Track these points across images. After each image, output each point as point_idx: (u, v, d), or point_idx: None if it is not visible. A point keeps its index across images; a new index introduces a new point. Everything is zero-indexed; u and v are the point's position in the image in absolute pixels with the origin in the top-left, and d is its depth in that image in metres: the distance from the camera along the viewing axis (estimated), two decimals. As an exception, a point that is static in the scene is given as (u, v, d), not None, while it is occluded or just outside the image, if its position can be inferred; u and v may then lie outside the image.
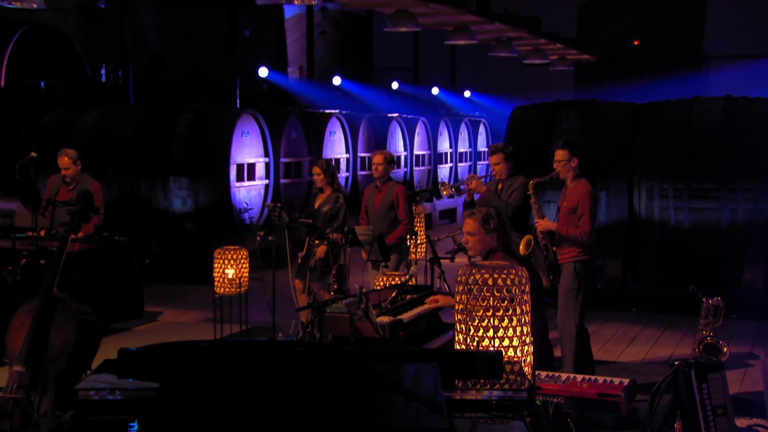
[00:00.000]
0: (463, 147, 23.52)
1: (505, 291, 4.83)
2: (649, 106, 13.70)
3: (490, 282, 4.82)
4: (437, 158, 21.81)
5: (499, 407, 4.17)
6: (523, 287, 4.91)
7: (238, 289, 9.60)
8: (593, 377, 6.13)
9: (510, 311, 4.84)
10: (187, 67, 26.34)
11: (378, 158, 10.30)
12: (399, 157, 20.06)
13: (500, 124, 26.67)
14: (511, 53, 19.19)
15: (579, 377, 6.04)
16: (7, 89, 21.10)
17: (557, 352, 8.45)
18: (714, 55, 29.47)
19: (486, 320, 4.85)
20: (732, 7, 27.98)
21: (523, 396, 4.26)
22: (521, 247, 8.13)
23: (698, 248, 12.09)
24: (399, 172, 20.07)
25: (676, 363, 6.14)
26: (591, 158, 12.25)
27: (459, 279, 4.97)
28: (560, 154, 8.15)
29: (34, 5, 12.60)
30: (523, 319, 4.92)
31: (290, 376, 4.06)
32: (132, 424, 4.27)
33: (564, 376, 6.02)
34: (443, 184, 10.74)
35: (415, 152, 20.73)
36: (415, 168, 20.74)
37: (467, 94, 30.14)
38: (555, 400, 5.64)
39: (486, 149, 24.75)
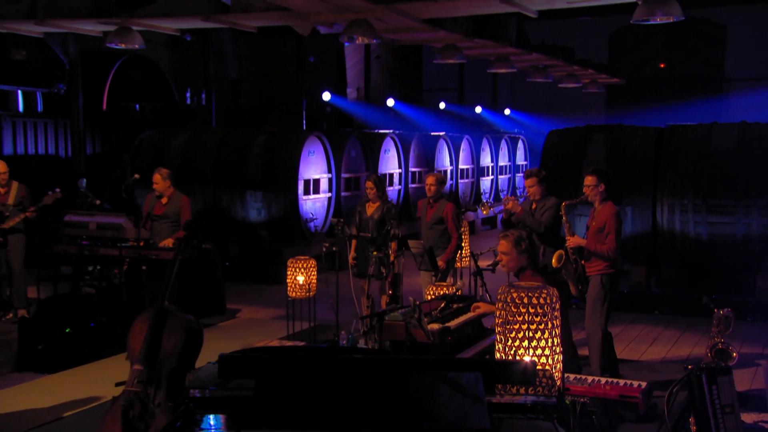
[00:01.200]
0: (503, 161, 23.35)
1: (538, 308, 4.91)
2: (671, 129, 13.57)
3: (525, 300, 4.92)
4: (480, 172, 21.63)
5: (532, 410, 4.38)
6: (554, 305, 4.97)
7: (307, 293, 9.68)
8: (615, 380, 6.15)
9: (542, 326, 4.92)
10: (261, 90, 26.24)
11: (431, 179, 10.26)
12: (445, 171, 20.01)
13: (537, 140, 26.43)
14: (547, 79, 18.96)
15: (603, 380, 6.07)
16: (108, 111, 21.69)
17: (584, 351, 8.48)
18: (735, 77, 28.74)
19: (522, 333, 4.94)
20: (751, 31, 27.30)
21: (552, 401, 4.46)
22: (553, 260, 8.23)
23: (715, 258, 11.93)
24: (445, 187, 20.08)
25: (689, 367, 6.00)
26: (617, 179, 12.35)
27: (499, 297, 5.04)
28: (589, 180, 8.18)
29: (136, 45, 12.73)
30: (554, 332, 4.99)
31: (363, 381, 4.31)
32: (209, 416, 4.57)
33: (589, 378, 6.06)
34: (483, 204, 10.67)
35: (460, 167, 20.57)
36: (460, 180, 20.58)
37: (507, 112, 29.83)
38: (582, 399, 5.71)
39: (524, 163, 24.71)
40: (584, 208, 11.13)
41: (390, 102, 25.78)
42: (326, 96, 24.44)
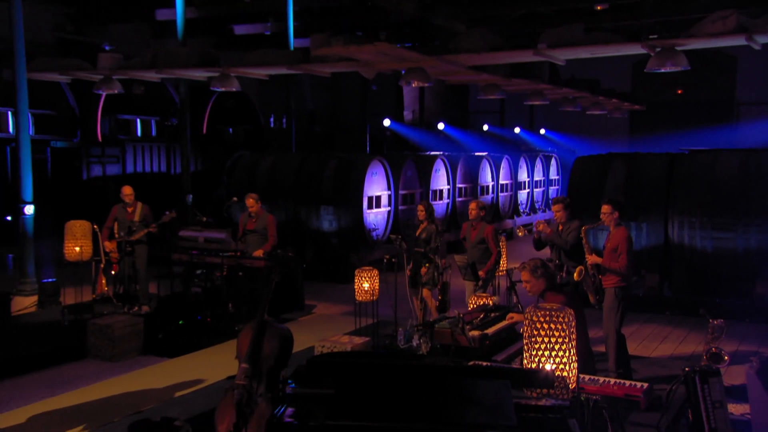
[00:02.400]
0: (538, 176, 23.11)
1: (557, 327, 5.05)
2: (681, 157, 13.36)
3: (546, 320, 5.09)
4: (517, 186, 21.47)
5: (551, 410, 4.70)
6: (570, 324, 5.09)
7: (371, 297, 9.71)
8: (621, 381, 6.21)
9: (560, 340, 5.05)
10: (333, 116, 26.22)
11: (473, 205, 10.18)
12: (487, 186, 19.86)
13: (568, 157, 26.05)
14: (576, 108, 18.83)
15: (612, 381, 6.11)
16: (207, 134, 22.35)
17: (601, 348, 8.54)
18: (745, 101, 27.97)
19: (544, 345, 5.05)
20: (759, 61, 26.65)
21: (566, 403, 4.79)
22: (575, 274, 8.28)
23: (719, 267, 11.84)
24: (487, 198, 19.86)
25: (686, 369, 6.14)
26: (635, 200, 12.32)
27: (525, 317, 5.17)
28: (605, 209, 8.26)
29: (234, 89, 13.00)
30: (570, 345, 5.10)
31: (418, 383, 4.66)
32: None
33: (601, 379, 6.09)
34: (519, 228, 10.64)
35: (501, 182, 20.41)
36: (500, 194, 20.38)
37: (542, 131, 29.54)
38: (594, 397, 5.72)
39: (557, 177, 24.39)
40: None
41: (440, 126, 25.52)
42: (386, 122, 24.34)
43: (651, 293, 12.31)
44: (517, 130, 28.45)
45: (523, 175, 22.10)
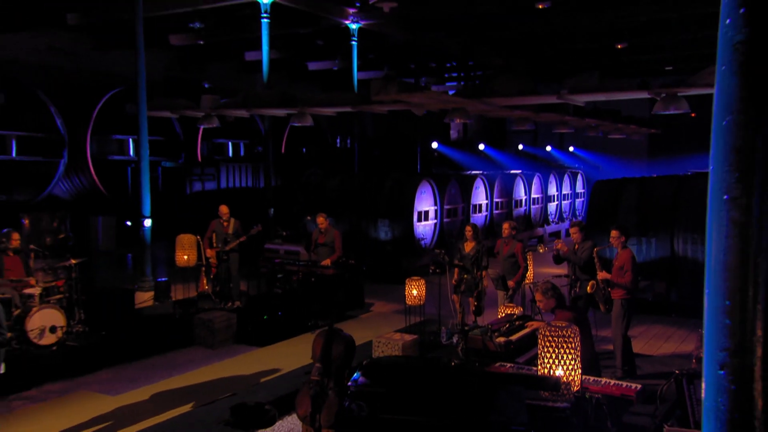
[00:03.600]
0: (566, 190, 22.87)
1: (563, 341, 5.42)
2: (686, 178, 13.15)
3: (555, 335, 5.42)
4: (547, 199, 21.38)
5: (555, 410, 5.06)
6: (575, 339, 5.37)
7: (419, 302, 9.80)
8: (620, 382, 6.23)
9: (566, 352, 5.41)
10: (389, 141, 26.20)
11: (506, 225, 10.14)
12: (520, 200, 19.72)
13: (593, 173, 25.76)
14: (598, 134, 18.77)
15: (612, 382, 6.15)
16: (285, 154, 22.88)
17: (610, 347, 8.63)
18: None
19: (554, 356, 5.36)
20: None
21: (567, 405, 5.10)
22: (588, 287, 8.39)
23: None
24: (521, 210, 19.73)
25: (677, 372, 6.14)
26: (646, 218, 12.20)
27: (539, 332, 5.49)
28: (614, 233, 8.38)
29: (308, 124, 13.18)
30: (575, 356, 5.30)
31: (449, 386, 5.04)
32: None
33: (602, 380, 6.13)
34: (541, 245, 10.71)
35: (532, 196, 20.29)
36: (532, 206, 20.35)
37: (571, 149, 29.25)
38: (597, 395, 5.82)
39: (582, 191, 24.02)
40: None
41: (481, 146, 25.30)
42: (434, 144, 24.31)
43: (659, 298, 12.11)
44: (548, 148, 28.09)
45: (552, 190, 21.85)
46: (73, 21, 16.60)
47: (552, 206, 22.04)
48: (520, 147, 27.68)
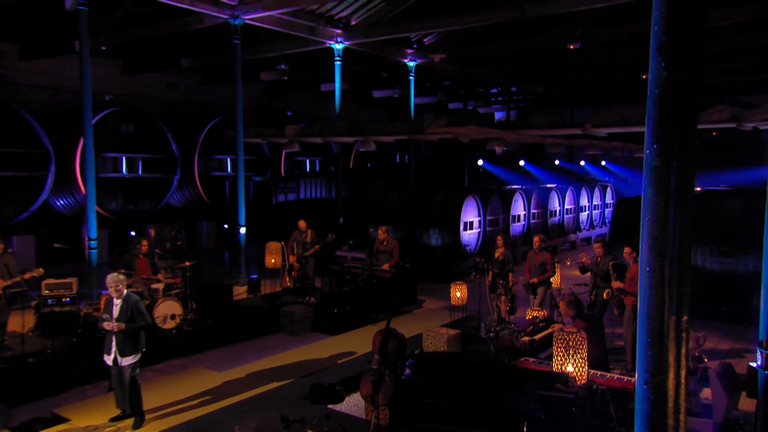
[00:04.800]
0: (596, 201, 22.56)
1: (572, 344, 5.92)
2: (696, 196, 13.07)
3: (567, 338, 5.94)
4: (579, 209, 21.15)
5: (564, 399, 5.47)
6: (582, 342, 5.81)
7: (462, 302, 10.07)
8: (623, 377, 6.31)
9: (575, 353, 5.90)
10: (441, 159, 26.07)
11: (536, 238, 10.24)
12: (555, 210, 19.55)
13: (622, 186, 25.51)
14: (624, 154, 18.58)
15: (615, 376, 6.30)
16: (353, 169, 23.37)
17: (622, 343, 8.78)
18: None
19: (566, 355, 5.90)
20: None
21: (573, 395, 5.50)
22: (604, 294, 8.69)
23: (725, 283, 11.50)
24: (555, 219, 19.57)
25: None
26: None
27: (555, 336, 5.99)
28: (627, 250, 8.62)
29: (372, 149, 13.72)
30: (582, 356, 5.71)
31: (485, 378, 5.44)
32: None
33: (608, 375, 6.31)
34: (568, 259, 10.61)
35: (566, 207, 20.18)
36: (565, 216, 20.12)
37: (603, 163, 28.66)
38: (602, 387, 6.09)
39: (611, 201, 23.46)
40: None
41: (521, 162, 25.15)
42: (480, 162, 24.37)
43: None
44: (582, 163, 27.62)
45: (584, 201, 21.61)
46: (186, 65, 17.73)
47: (583, 215, 21.75)
48: (557, 162, 27.34)
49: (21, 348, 8.58)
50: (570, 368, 5.86)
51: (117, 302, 6.68)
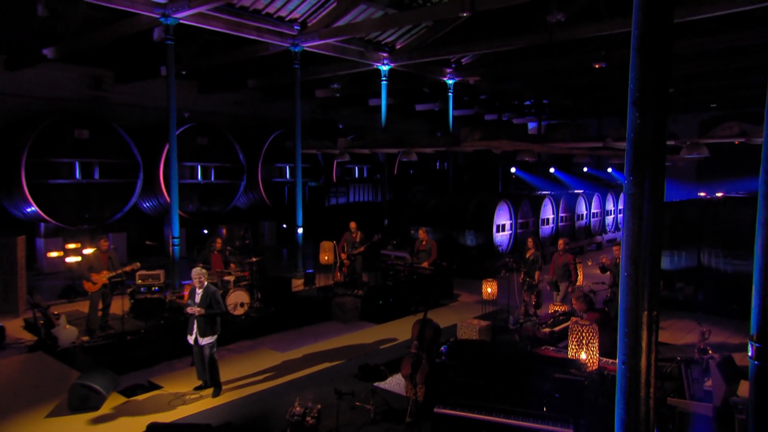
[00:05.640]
0: (621, 206, 21.62)
1: (584, 334, 6.27)
2: (711, 203, 12.81)
3: (580, 329, 6.30)
4: (605, 213, 20.76)
5: (575, 381, 5.78)
6: (595, 334, 6.17)
7: (492, 297, 10.08)
8: None
9: (586, 342, 6.25)
10: (476, 167, 26.07)
11: (561, 241, 10.45)
12: (582, 214, 19.36)
13: None
14: None
15: None
16: (397, 175, 23.50)
17: None
18: None
19: (579, 344, 6.27)
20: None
21: (583, 378, 5.80)
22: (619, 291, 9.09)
23: (736, 283, 11.37)
24: (582, 222, 19.39)
25: (678, 358, 6.61)
26: (678, 235, 12.10)
27: (570, 328, 6.38)
28: None
29: (414, 159, 13.97)
30: (594, 344, 6.03)
31: (507, 363, 5.80)
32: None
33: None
34: (589, 260, 11.02)
35: (592, 211, 20.02)
36: (592, 219, 19.96)
37: None
38: (612, 372, 6.21)
39: None
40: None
41: (551, 170, 24.88)
42: (513, 169, 24.39)
43: (687, 299, 12.10)
44: (609, 170, 27.09)
45: (609, 206, 21.32)
46: (252, 84, 18.63)
47: (609, 219, 21.47)
48: (585, 170, 27.02)
49: (121, 327, 9.45)
50: (583, 356, 6.17)
51: (199, 291, 7.35)
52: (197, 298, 7.31)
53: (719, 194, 17.59)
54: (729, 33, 12.18)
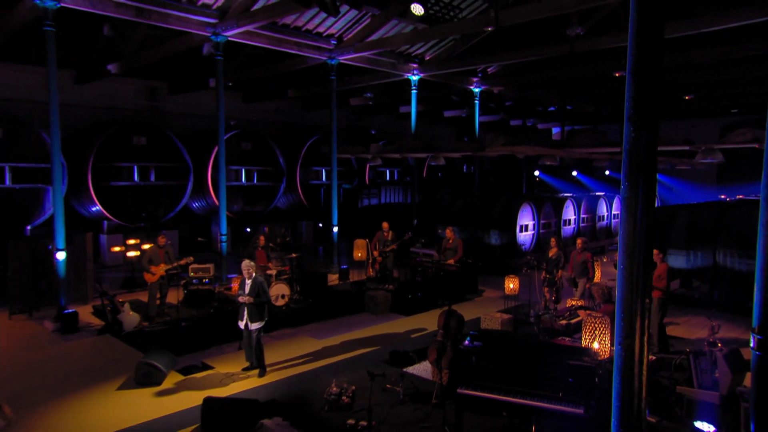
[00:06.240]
0: None
1: (597, 325, 6.50)
2: (726, 205, 12.72)
3: (593, 321, 6.55)
4: None
5: (586, 367, 5.98)
6: (607, 325, 6.45)
7: (514, 293, 10.52)
8: None
9: (599, 332, 6.50)
10: (501, 171, 26.03)
11: (579, 241, 10.56)
12: (602, 216, 19.21)
13: (667, 194, 24.59)
14: (665, 166, 18.27)
15: None
16: (426, 177, 23.35)
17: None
18: None
19: (592, 334, 6.53)
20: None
21: (594, 365, 5.95)
22: None
23: (750, 282, 10.74)
24: (603, 223, 19.23)
25: (687, 350, 6.77)
26: (694, 236, 12.08)
27: (584, 320, 6.64)
28: (655, 253, 8.53)
29: (442, 163, 14.17)
30: (606, 335, 6.34)
31: (526, 350, 6.02)
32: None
33: None
34: (605, 257, 11.07)
35: (613, 212, 19.84)
36: (612, 220, 19.90)
37: None
38: None
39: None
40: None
41: (574, 173, 24.70)
42: (536, 172, 24.54)
43: (703, 296, 12.08)
44: None
45: None
46: (291, 94, 19.22)
47: None
48: (607, 173, 26.83)
49: (176, 315, 10.03)
50: (596, 345, 6.44)
51: (248, 282, 7.84)
52: (246, 289, 7.76)
53: (740, 196, 17.28)
54: (747, 43, 12.09)
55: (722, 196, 19.82)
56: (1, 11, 11.25)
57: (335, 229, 14.73)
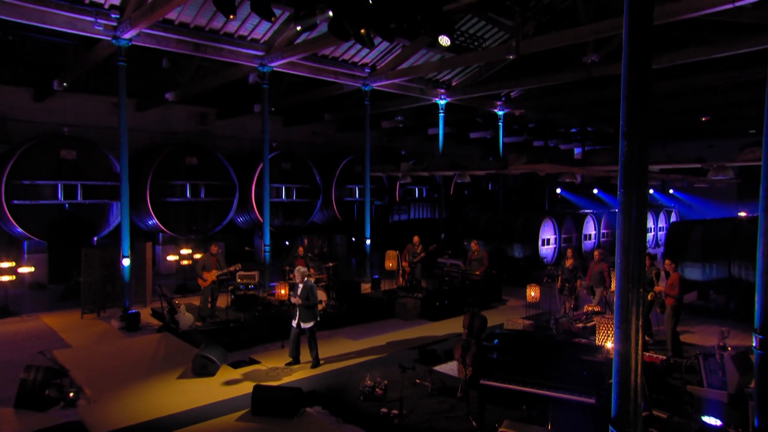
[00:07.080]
0: (661, 224, 21.74)
1: (609, 327, 6.75)
2: (740, 221, 12.62)
3: (605, 323, 6.81)
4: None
5: (598, 362, 6.23)
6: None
7: (535, 300, 10.44)
8: (652, 354, 6.81)
9: (610, 333, 6.75)
10: (524, 189, 26.18)
11: (596, 252, 10.64)
12: None
13: (686, 211, 24.29)
14: (683, 184, 18.17)
15: (646, 354, 6.76)
16: (453, 195, 23.39)
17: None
18: None
19: (604, 335, 6.79)
20: None
21: (605, 360, 6.23)
22: (649, 296, 8.91)
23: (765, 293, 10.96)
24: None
25: (698, 353, 6.85)
26: (708, 249, 12.06)
27: (597, 322, 6.90)
28: (668, 263, 9.00)
29: (467, 180, 14.64)
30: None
31: (544, 348, 6.33)
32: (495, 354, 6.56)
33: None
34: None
35: None
36: None
37: (671, 191, 27.04)
38: None
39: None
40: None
41: (595, 190, 24.63)
42: (558, 190, 24.63)
43: (719, 307, 12.01)
44: (651, 191, 26.50)
45: (649, 224, 20.89)
46: (328, 117, 20.00)
47: (649, 236, 21.13)
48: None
49: (225, 316, 10.65)
50: (609, 344, 6.70)
51: (300, 286, 8.32)
52: (298, 291, 8.22)
53: (742, 213, 16.98)
54: (759, 66, 12.23)
55: (742, 213, 19.46)
56: (83, 50, 12.31)
57: (368, 241, 15.19)
